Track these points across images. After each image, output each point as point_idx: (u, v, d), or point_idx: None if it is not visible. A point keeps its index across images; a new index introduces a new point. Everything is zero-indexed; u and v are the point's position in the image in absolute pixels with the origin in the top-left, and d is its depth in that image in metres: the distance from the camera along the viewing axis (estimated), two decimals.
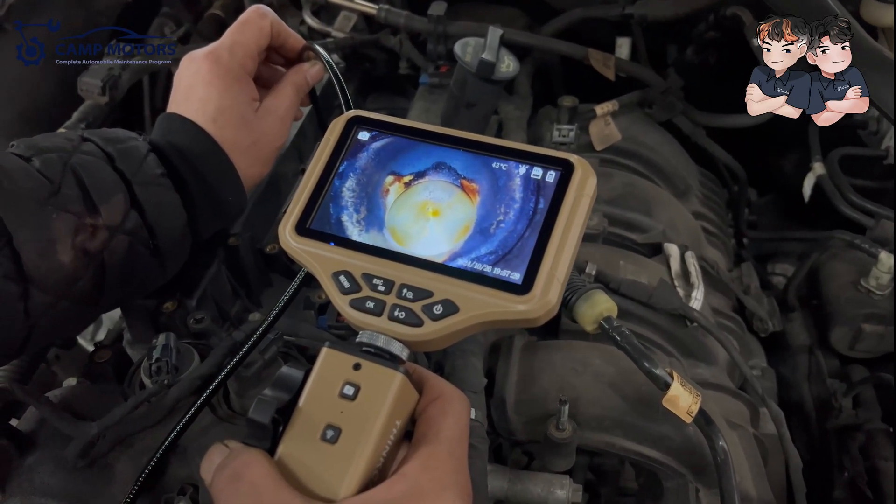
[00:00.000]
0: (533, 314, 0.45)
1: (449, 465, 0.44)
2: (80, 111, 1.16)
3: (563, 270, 0.46)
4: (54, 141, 0.63)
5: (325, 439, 0.44)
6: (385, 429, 0.45)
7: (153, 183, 0.64)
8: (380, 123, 0.54)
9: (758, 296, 1.15)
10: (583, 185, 0.48)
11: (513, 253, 0.47)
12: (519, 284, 0.46)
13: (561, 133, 1.06)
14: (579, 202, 0.48)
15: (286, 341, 0.69)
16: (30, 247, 0.57)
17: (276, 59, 0.77)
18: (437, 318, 0.46)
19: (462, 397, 0.48)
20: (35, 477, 0.61)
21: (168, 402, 0.62)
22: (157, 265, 0.66)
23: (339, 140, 0.54)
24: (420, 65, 1.21)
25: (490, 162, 0.50)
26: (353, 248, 0.50)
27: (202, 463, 0.47)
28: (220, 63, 0.69)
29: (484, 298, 0.46)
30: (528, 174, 0.49)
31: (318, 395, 0.46)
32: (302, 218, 0.52)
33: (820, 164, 1.21)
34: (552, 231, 0.47)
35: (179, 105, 0.70)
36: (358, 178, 0.52)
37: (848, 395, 1.03)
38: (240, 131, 0.69)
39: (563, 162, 0.49)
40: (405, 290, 0.47)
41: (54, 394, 0.67)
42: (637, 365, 0.67)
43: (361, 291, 0.48)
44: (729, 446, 0.67)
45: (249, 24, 0.71)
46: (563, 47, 1.18)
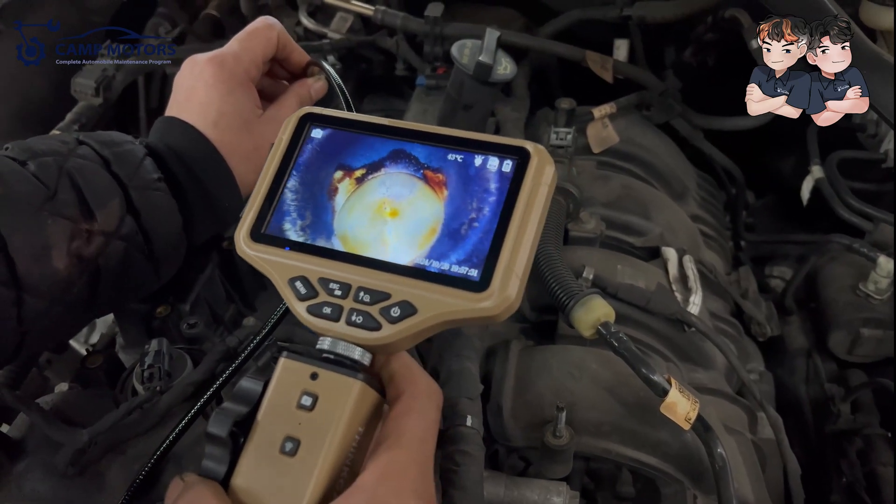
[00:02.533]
0: (492, 311, 0.44)
1: (410, 472, 0.43)
2: (73, 112, 1.15)
3: (522, 264, 0.45)
4: (49, 144, 0.63)
5: (283, 452, 0.44)
6: (345, 439, 0.44)
7: (149, 188, 0.64)
8: (333, 119, 0.52)
9: (756, 300, 1.15)
10: (539, 173, 0.46)
11: (469, 249, 0.45)
12: (476, 281, 0.44)
13: (558, 135, 1.05)
14: (536, 192, 0.46)
15: (280, 347, 0.68)
16: (24, 252, 0.56)
17: (279, 72, 0.76)
18: (396, 321, 0.45)
19: (430, 390, 0.47)
20: (25, 484, 0.60)
21: (160, 409, 0.61)
22: (151, 270, 0.65)
23: (292, 140, 0.52)
24: (417, 66, 1.20)
25: (446, 154, 0.48)
26: (309, 252, 0.48)
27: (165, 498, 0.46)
28: (225, 67, 0.68)
29: (441, 298, 0.45)
30: (484, 164, 0.47)
31: (276, 407, 0.45)
32: (256, 223, 0.50)
33: (818, 167, 1.21)
34: (509, 224, 0.45)
35: (180, 107, 0.69)
36: (311, 177, 0.51)
37: (846, 399, 1.03)
38: (241, 136, 0.69)
39: (518, 150, 0.47)
40: (362, 294, 0.46)
41: (45, 400, 0.66)
42: (635, 371, 0.67)
43: (318, 297, 0.47)
44: (727, 452, 0.66)
45: (257, 33, 0.71)
46: (561, 49, 1.17)
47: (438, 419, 0.47)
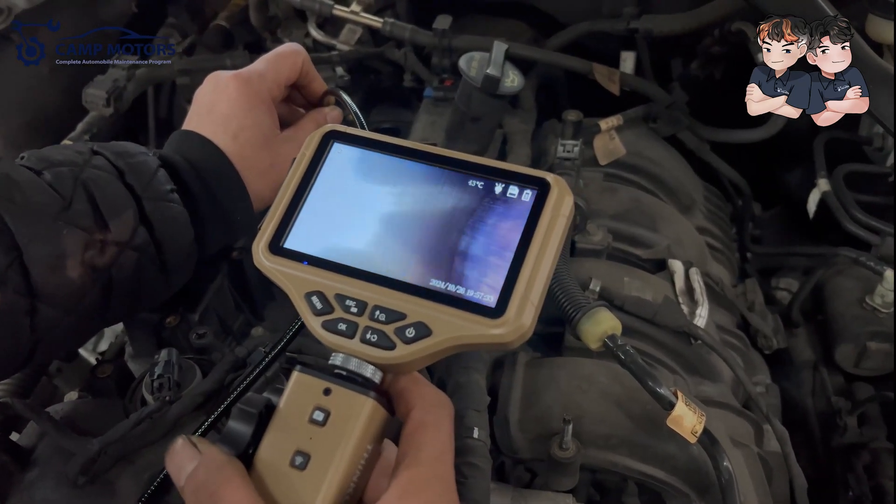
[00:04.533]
0: (506, 338, 0.44)
1: (432, 489, 0.43)
2: (84, 122, 1.16)
3: (538, 293, 0.45)
4: (65, 154, 0.63)
5: (294, 465, 0.44)
6: (354, 455, 0.44)
7: (163, 199, 0.64)
8: (356, 139, 0.53)
9: (762, 312, 1.15)
10: (559, 204, 0.47)
11: (487, 275, 0.46)
12: (492, 308, 0.45)
13: (565, 148, 1.06)
14: (555, 222, 0.46)
15: (289, 357, 0.69)
16: (40, 262, 0.57)
17: (297, 99, 0.77)
18: (410, 342, 0.45)
19: (440, 403, 0.47)
20: (36, 493, 0.60)
21: (170, 419, 0.62)
22: (163, 280, 0.66)
23: (315, 155, 0.52)
24: (425, 78, 1.21)
25: (467, 180, 0.49)
26: (326, 268, 0.49)
27: (168, 458, 0.45)
28: (250, 84, 0.69)
29: (456, 322, 0.45)
30: (505, 193, 0.48)
31: (288, 420, 0.45)
32: (275, 236, 0.50)
33: (825, 180, 1.21)
34: (527, 252, 0.45)
35: (201, 118, 0.70)
36: (332, 194, 0.51)
37: (853, 413, 1.03)
38: (259, 152, 0.69)
39: (538, 181, 0.47)
40: (378, 312, 0.46)
41: (55, 409, 0.67)
42: (641, 384, 0.67)
43: (334, 312, 0.47)
44: (733, 466, 0.66)
45: (284, 56, 0.72)
46: (568, 61, 1.18)
47: (453, 430, 0.47)
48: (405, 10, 1.35)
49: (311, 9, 1.26)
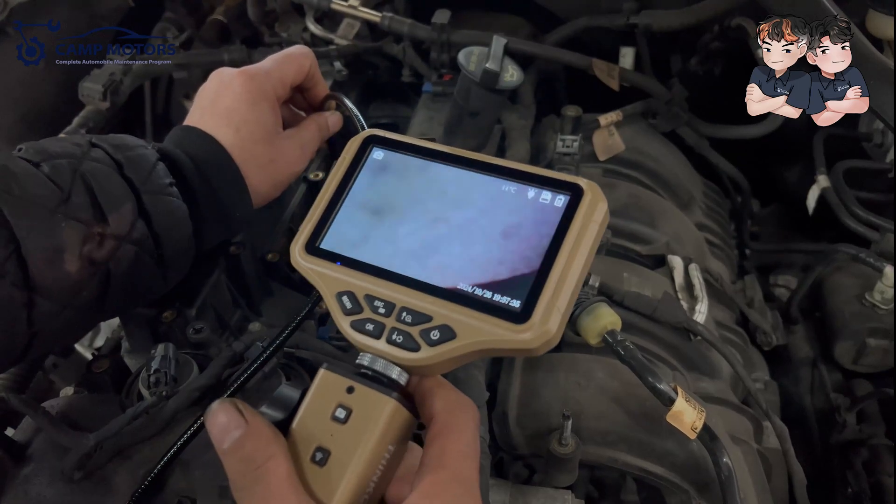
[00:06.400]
0: (531, 344, 0.44)
1: (455, 491, 0.43)
2: (80, 116, 1.16)
3: (566, 299, 0.45)
4: (63, 146, 0.62)
5: (314, 461, 0.44)
6: (374, 455, 0.44)
7: (161, 192, 0.64)
8: (395, 143, 0.53)
9: (761, 309, 1.14)
10: (591, 211, 0.46)
11: (515, 280, 0.45)
12: (518, 313, 0.44)
13: (564, 143, 1.05)
14: (586, 229, 0.46)
15: (286, 353, 0.68)
16: (38, 255, 0.56)
17: (300, 102, 0.77)
18: (434, 344, 0.45)
19: (464, 406, 0.46)
20: (31, 488, 0.60)
21: (166, 414, 0.61)
22: (160, 275, 0.65)
23: (354, 159, 0.53)
24: (423, 73, 1.21)
25: (501, 185, 0.49)
26: (358, 269, 0.49)
27: (210, 417, 0.45)
28: (255, 81, 0.69)
29: (481, 326, 0.45)
30: (538, 198, 0.48)
31: (311, 416, 0.45)
32: (312, 236, 0.51)
33: (824, 176, 1.21)
34: (556, 258, 0.45)
35: (203, 112, 0.70)
36: (368, 197, 0.52)
37: (852, 409, 1.03)
38: (260, 147, 0.69)
39: (572, 186, 0.47)
40: (404, 314, 0.46)
41: (51, 404, 0.66)
42: (641, 379, 0.67)
43: (363, 313, 0.48)
44: (733, 462, 0.66)
45: (292, 57, 0.73)
46: (568, 57, 1.17)
47: (478, 434, 0.46)
48: (403, 4, 1.34)
49: (308, 3, 1.26)
